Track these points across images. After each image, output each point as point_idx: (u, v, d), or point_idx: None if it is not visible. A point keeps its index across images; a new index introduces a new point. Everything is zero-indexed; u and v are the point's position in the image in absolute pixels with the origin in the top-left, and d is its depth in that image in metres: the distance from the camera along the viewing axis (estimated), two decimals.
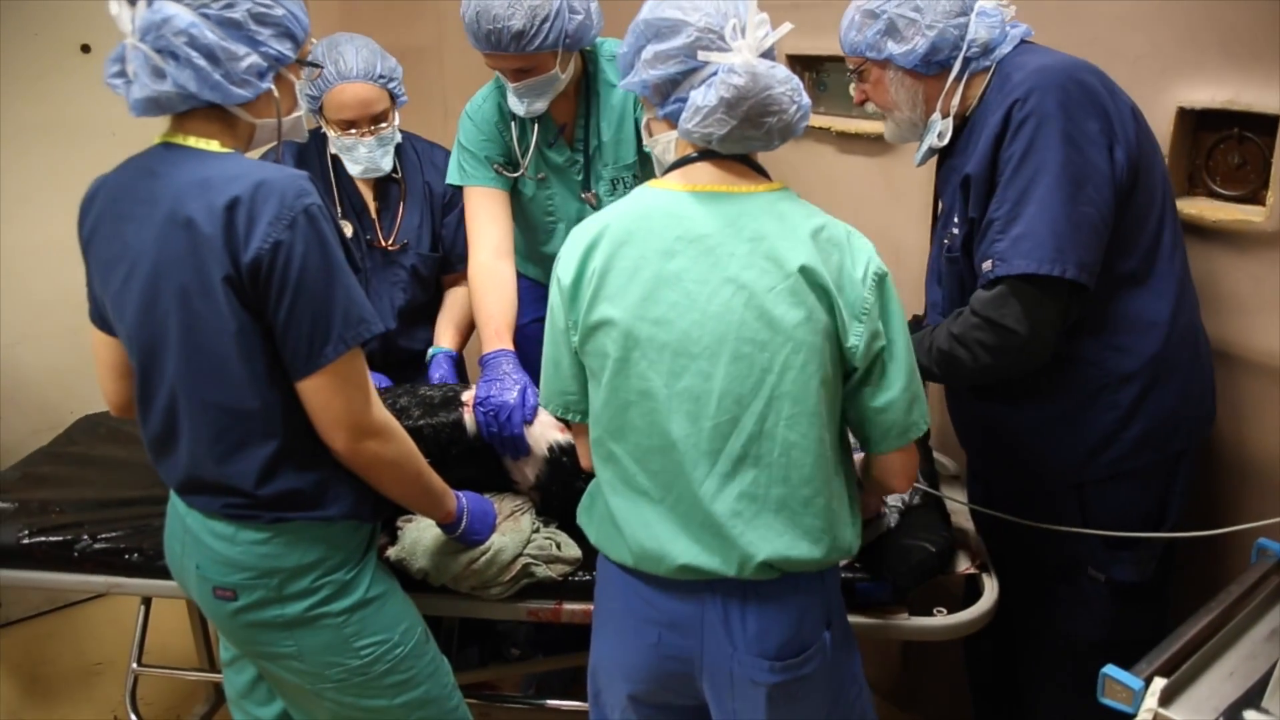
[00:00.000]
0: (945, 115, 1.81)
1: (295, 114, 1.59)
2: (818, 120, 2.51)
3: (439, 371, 2.34)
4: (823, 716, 1.55)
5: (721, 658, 1.49)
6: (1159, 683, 1.43)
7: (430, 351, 2.40)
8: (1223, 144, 1.87)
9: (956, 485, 2.20)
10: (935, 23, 1.74)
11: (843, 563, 1.81)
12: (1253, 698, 1.41)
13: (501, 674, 2.71)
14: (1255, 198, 1.83)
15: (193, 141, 1.49)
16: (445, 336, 2.42)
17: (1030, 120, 1.64)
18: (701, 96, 1.39)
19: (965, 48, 1.76)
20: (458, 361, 2.41)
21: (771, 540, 1.44)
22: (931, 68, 1.78)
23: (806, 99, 1.44)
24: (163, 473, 1.62)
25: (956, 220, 1.80)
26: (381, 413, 1.56)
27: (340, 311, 1.47)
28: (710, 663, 1.50)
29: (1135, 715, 1.42)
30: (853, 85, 1.91)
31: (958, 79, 1.78)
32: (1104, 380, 1.78)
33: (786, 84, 1.40)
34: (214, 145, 1.50)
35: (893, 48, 1.77)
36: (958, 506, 2.12)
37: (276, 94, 1.52)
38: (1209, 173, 1.90)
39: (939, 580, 1.99)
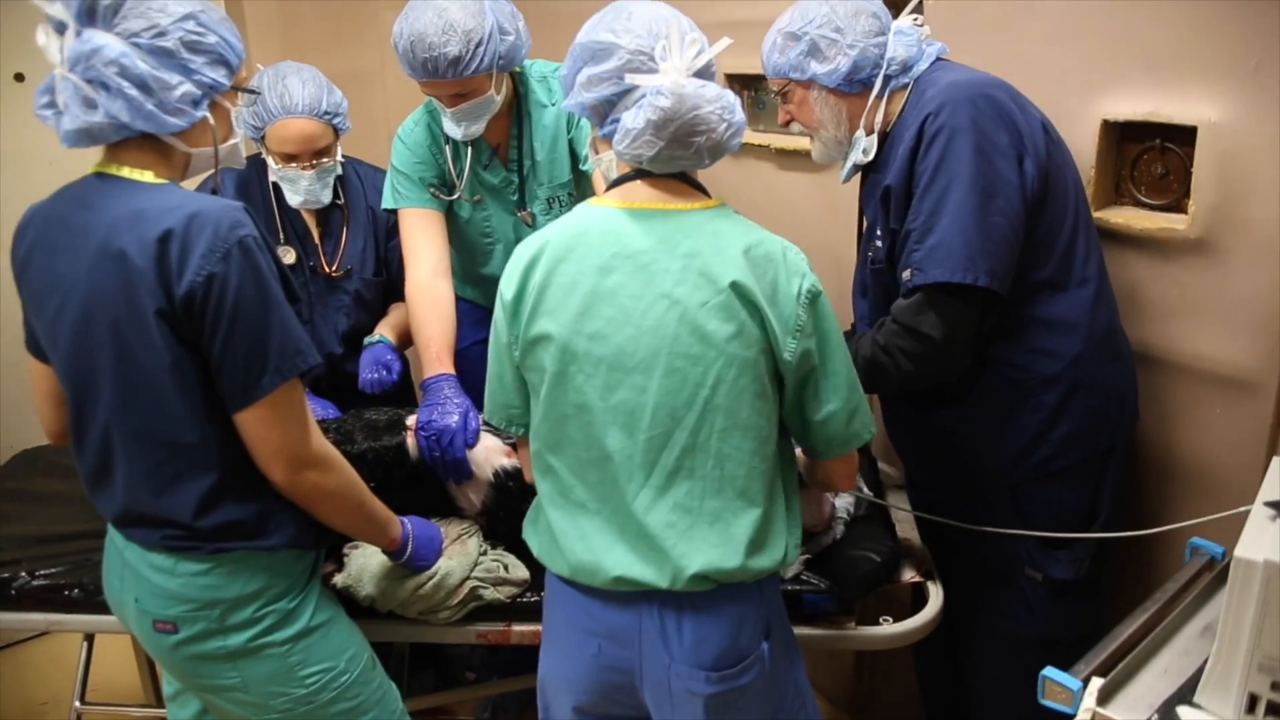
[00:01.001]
0: (870, 132, 1.86)
1: (232, 141, 1.58)
2: (757, 138, 2.54)
3: (384, 356, 2.32)
4: None
5: (659, 669, 1.50)
6: (1096, 682, 1.45)
7: (367, 340, 2.38)
8: (1146, 155, 1.92)
9: (902, 494, 2.23)
10: (856, 42, 1.79)
11: (789, 574, 1.85)
12: (1186, 693, 1.44)
13: (456, 698, 2.69)
14: (1178, 206, 1.88)
15: (126, 172, 1.48)
16: (383, 331, 2.41)
17: (943, 133, 1.70)
18: (631, 119, 1.41)
19: (885, 66, 1.81)
20: (398, 353, 2.39)
21: (705, 552, 1.45)
22: (854, 86, 1.83)
23: (739, 116, 1.46)
24: (99, 506, 1.60)
25: (879, 233, 1.85)
26: (321, 443, 1.55)
27: (276, 343, 1.46)
28: (649, 674, 1.52)
29: (1075, 715, 1.45)
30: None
31: (879, 97, 1.83)
32: (1029, 383, 1.83)
33: (716, 103, 1.41)
34: (148, 176, 1.48)
35: (816, 68, 1.82)
36: (903, 515, 2.15)
37: (212, 122, 1.51)
38: (1134, 183, 1.95)
39: (886, 589, 2.02)
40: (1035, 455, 1.87)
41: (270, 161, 2.27)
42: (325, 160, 2.26)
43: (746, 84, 2.56)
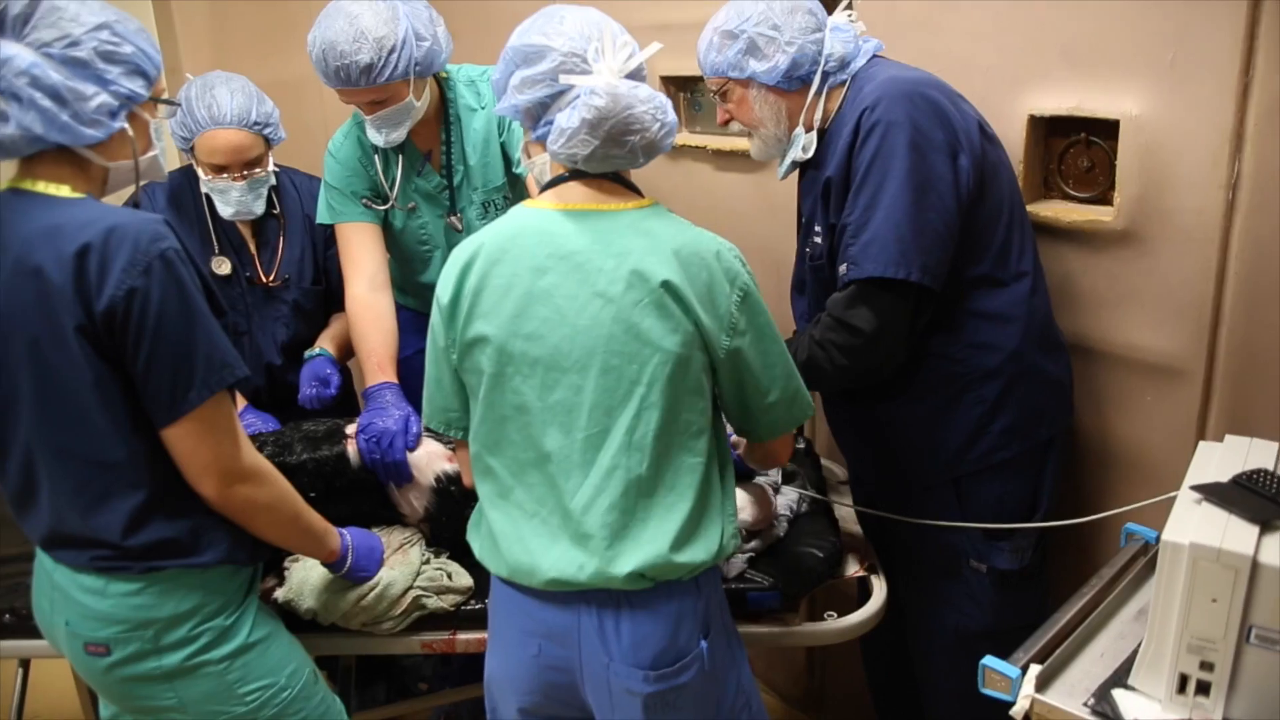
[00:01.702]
0: (809, 129, 1.87)
1: (151, 153, 1.55)
2: (694, 139, 2.55)
3: (324, 370, 2.30)
4: None
5: (598, 668, 1.50)
6: (1034, 669, 1.47)
7: (307, 354, 2.36)
8: (1072, 149, 1.95)
9: (845, 490, 2.24)
10: (794, 39, 1.79)
11: (732, 573, 1.85)
12: (1121, 676, 1.46)
13: (409, 709, 2.67)
14: (1104, 199, 1.91)
15: (41, 187, 1.45)
16: (324, 343, 2.39)
17: (878, 127, 1.71)
18: (566, 119, 1.42)
19: (824, 62, 1.82)
20: (338, 366, 2.37)
21: (642, 549, 1.46)
22: (793, 83, 1.83)
23: (671, 116, 1.48)
24: (26, 528, 1.57)
25: (819, 229, 1.86)
26: (252, 456, 1.53)
27: (203, 357, 1.44)
28: (589, 673, 1.52)
29: (1014, 703, 1.46)
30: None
31: (818, 94, 1.84)
32: (969, 377, 1.85)
33: (649, 103, 1.44)
34: (64, 190, 1.46)
35: (755, 66, 1.82)
36: (846, 511, 2.17)
37: (131, 134, 1.49)
38: (1062, 176, 1.99)
39: (833, 585, 2.03)
40: (977, 448, 1.89)
41: (201, 174, 2.23)
42: (257, 171, 2.24)
43: (682, 86, 2.56)
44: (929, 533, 1.93)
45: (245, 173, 2.22)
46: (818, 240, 1.87)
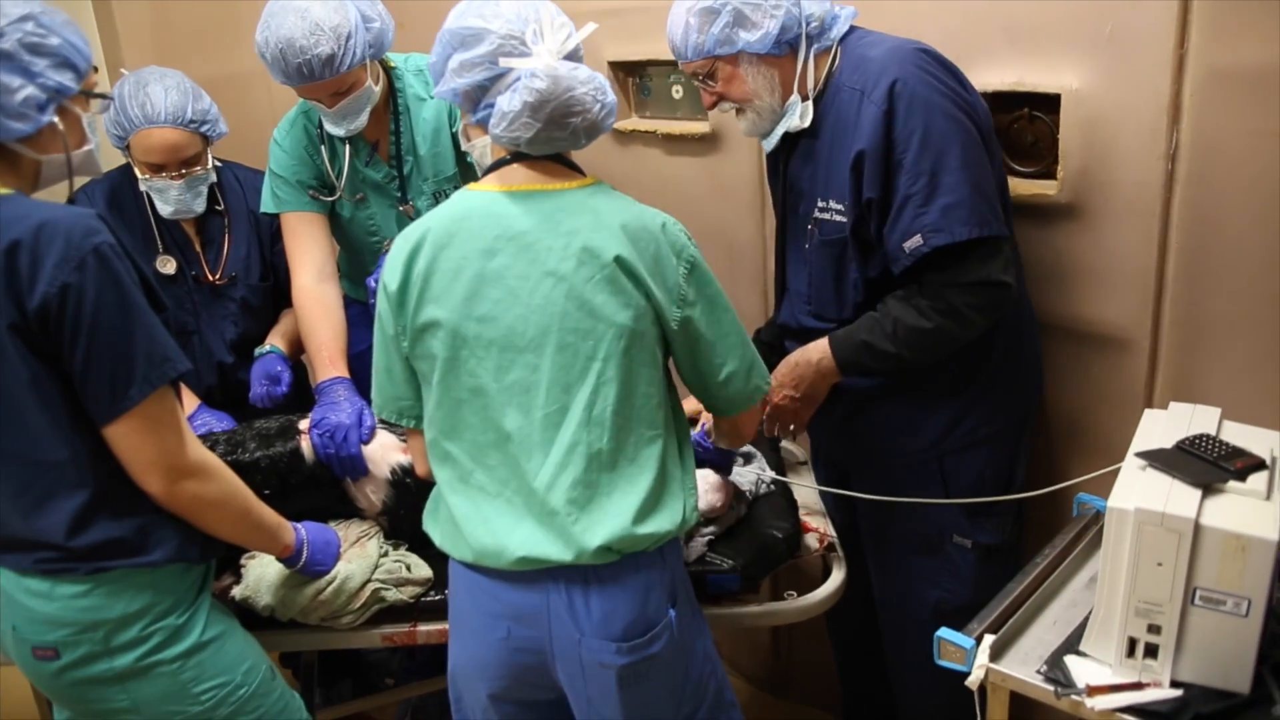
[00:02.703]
0: (805, 97, 1.82)
1: (86, 148, 1.53)
2: (644, 124, 2.54)
3: (275, 368, 2.27)
4: (675, 696, 1.58)
5: (570, 644, 1.51)
6: (988, 639, 1.49)
7: (258, 351, 2.33)
8: (1016, 124, 1.96)
9: (804, 471, 2.25)
10: (779, 2, 1.75)
11: (694, 557, 1.86)
12: (1073, 643, 1.49)
13: (375, 704, 2.66)
14: (1049, 172, 1.93)
15: None
16: (274, 340, 2.37)
17: (918, 98, 1.70)
18: (507, 102, 1.42)
19: (805, 24, 1.78)
20: (289, 362, 2.34)
21: (608, 523, 1.47)
22: (783, 48, 1.79)
23: (611, 97, 1.48)
24: None
25: (838, 205, 1.81)
26: (198, 451, 1.52)
27: (142, 352, 1.42)
28: (560, 651, 1.52)
29: (970, 673, 1.48)
30: (698, 90, 1.90)
31: (806, 59, 1.80)
32: (970, 350, 1.85)
33: (589, 84, 1.44)
34: None
35: (745, 37, 1.76)
36: (807, 491, 2.18)
37: (62, 128, 1.46)
38: (1009, 151, 2.00)
39: (795, 564, 2.04)
40: (964, 424, 1.91)
41: (138, 173, 2.20)
42: (196, 169, 2.21)
43: (630, 71, 2.56)
44: (909, 510, 1.93)
45: (183, 171, 2.19)
46: (837, 218, 1.82)
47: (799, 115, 1.83)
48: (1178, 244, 1.80)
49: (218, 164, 2.34)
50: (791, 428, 1.97)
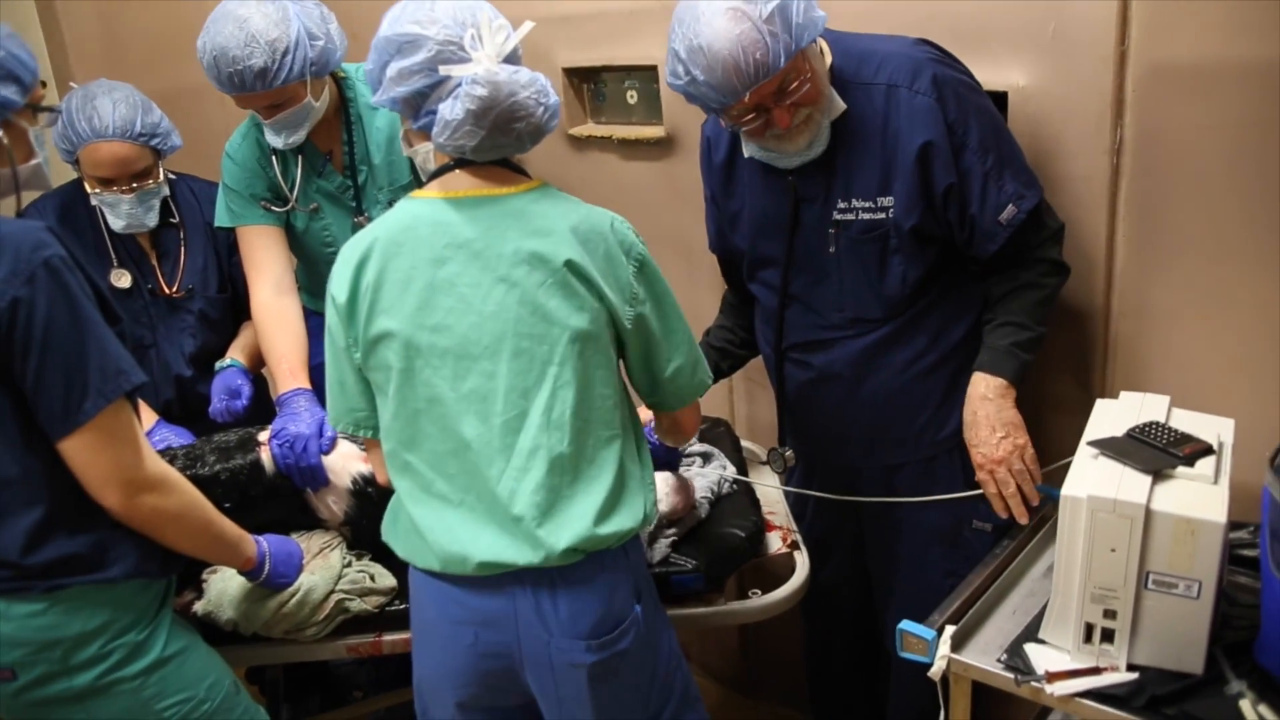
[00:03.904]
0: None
1: (33, 162, 1.51)
2: (599, 129, 2.55)
3: (235, 382, 2.25)
4: (644, 692, 1.59)
5: (538, 646, 1.51)
6: (949, 630, 1.51)
7: (218, 365, 2.31)
8: None
9: (764, 470, 2.27)
10: None
11: (658, 558, 1.86)
12: (1033, 631, 1.51)
13: (343, 717, 2.63)
14: None
15: None
16: (235, 354, 2.35)
17: (956, 83, 1.73)
18: (449, 110, 1.40)
19: None
20: (250, 376, 2.33)
21: (571, 525, 1.47)
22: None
23: (553, 98, 1.47)
24: None
25: (865, 202, 1.79)
26: (156, 464, 1.50)
27: (96, 365, 1.41)
28: (529, 653, 1.52)
29: (932, 664, 1.50)
30: (653, 94, 1.90)
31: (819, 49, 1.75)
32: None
33: (531, 87, 1.42)
34: None
35: (800, 21, 1.62)
36: (769, 490, 2.19)
37: (7, 142, 1.44)
38: None
39: (761, 564, 2.05)
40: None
41: (88, 187, 2.18)
42: (148, 182, 2.19)
43: (585, 77, 2.56)
44: (929, 502, 1.90)
45: (134, 185, 2.17)
46: (866, 215, 1.79)
47: (836, 107, 1.75)
48: (1125, 236, 1.83)
49: (171, 176, 2.32)
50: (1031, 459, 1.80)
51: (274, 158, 2.23)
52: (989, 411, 1.77)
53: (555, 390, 1.47)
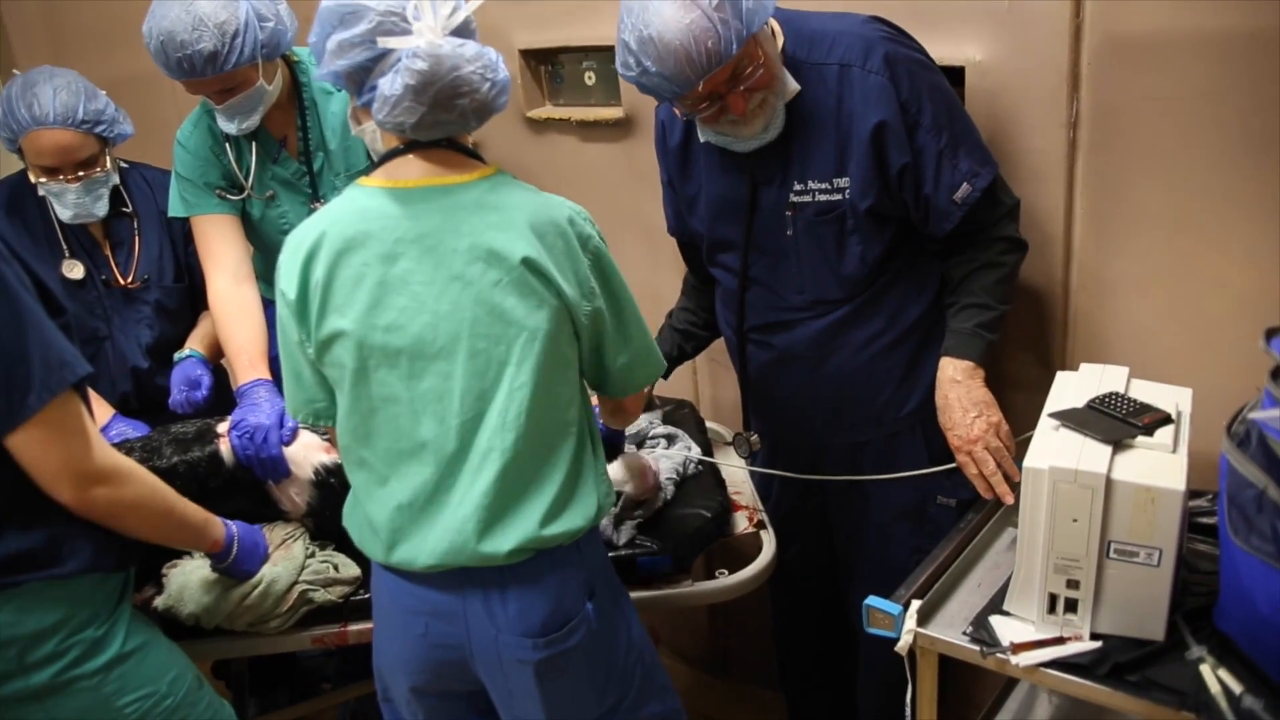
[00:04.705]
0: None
1: None
2: (557, 112, 2.53)
3: (194, 373, 2.22)
4: (598, 686, 1.57)
5: (487, 641, 1.50)
6: (915, 605, 1.52)
7: (177, 356, 2.27)
8: None
9: (729, 451, 2.26)
10: None
11: (624, 540, 1.86)
12: (997, 603, 1.52)
13: (312, 709, 2.61)
14: None
15: None
16: (194, 344, 2.31)
17: (908, 61, 1.72)
18: (388, 85, 1.34)
19: None
20: (210, 366, 2.29)
21: (519, 526, 1.45)
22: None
23: (502, 74, 1.40)
24: None
25: (821, 184, 1.78)
26: (108, 455, 1.47)
27: (38, 358, 1.37)
28: (478, 647, 1.51)
29: (899, 639, 1.50)
30: (611, 76, 1.89)
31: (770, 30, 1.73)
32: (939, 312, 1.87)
33: (477, 61, 1.36)
34: None
35: (749, 6, 1.59)
36: (735, 471, 2.19)
37: None
38: None
39: (728, 544, 2.05)
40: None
41: (32, 177, 2.13)
42: (94, 171, 2.14)
43: (542, 59, 2.54)
44: (893, 479, 1.90)
45: (80, 173, 2.12)
46: (822, 197, 1.78)
47: (789, 87, 1.73)
48: (1083, 210, 1.85)
49: (123, 165, 2.28)
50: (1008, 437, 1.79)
51: (228, 145, 2.19)
52: (960, 394, 1.77)
53: (512, 392, 1.43)
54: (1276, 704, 1.26)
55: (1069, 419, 1.46)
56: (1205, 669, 1.33)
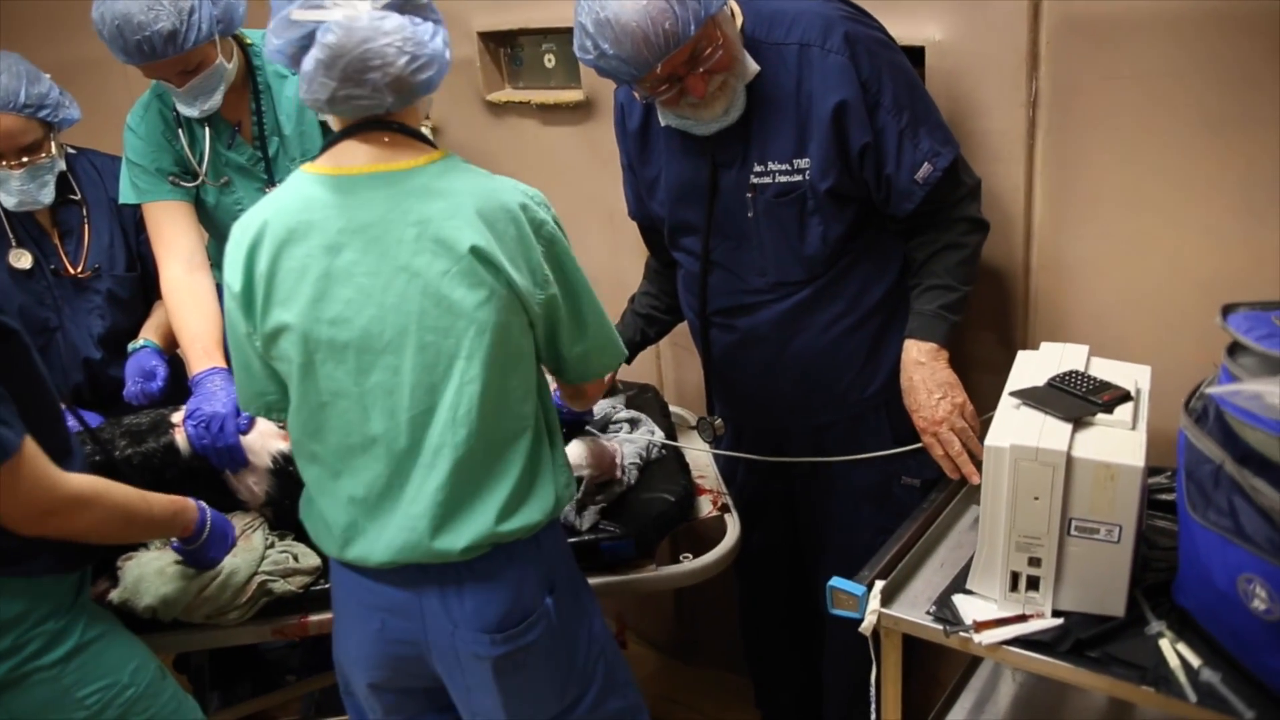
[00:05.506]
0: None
1: None
2: (517, 95, 2.51)
3: (149, 364, 2.17)
4: (557, 681, 1.56)
5: (444, 636, 1.48)
6: (879, 585, 1.52)
7: (131, 347, 2.23)
8: None
9: (693, 435, 2.26)
10: None
11: (587, 526, 1.85)
12: (960, 582, 1.52)
13: (276, 701, 2.59)
14: None
15: None
16: (148, 334, 2.27)
17: (868, 40, 1.70)
18: (307, 62, 1.31)
19: None
20: (165, 357, 2.24)
21: (474, 523, 1.43)
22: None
23: (428, 48, 1.34)
24: None
25: (781, 165, 1.77)
26: (68, 488, 1.42)
27: None
28: (435, 643, 1.49)
29: (863, 619, 1.51)
30: (571, 59, 1.84)
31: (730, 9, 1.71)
32: (903, 293, 1.86)
33: (396, 34, 1.30)
34: None
35: None
36: (699, 454, 2.19)
37: None
38: None
39: (693, 528, 2.05)
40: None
41: None
42: (39, 157, 2.08)
43: (501, 41, 2.52)
44: (858, 461, 1.90)
45: (23, 159, 2.06)
46: (783, 178, 1.77)
47: (749, 69, 1.71)
48: (1043, 189, 1.85)
49: (71, 151, 2.22)
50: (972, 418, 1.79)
51: (180, 130, 2.14)
52: (924, 375, 1.77)
53: (462, 386, 1.39)
54: (1233, 676, 1.27)
55: (1030, 397, 1.47)
56: (1165, 643, 1.34)
